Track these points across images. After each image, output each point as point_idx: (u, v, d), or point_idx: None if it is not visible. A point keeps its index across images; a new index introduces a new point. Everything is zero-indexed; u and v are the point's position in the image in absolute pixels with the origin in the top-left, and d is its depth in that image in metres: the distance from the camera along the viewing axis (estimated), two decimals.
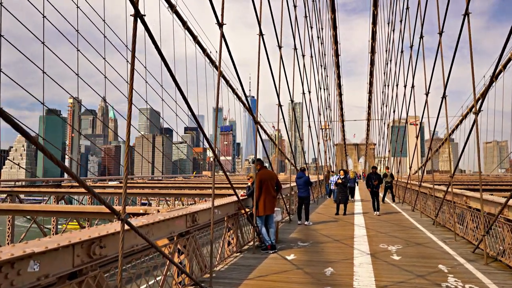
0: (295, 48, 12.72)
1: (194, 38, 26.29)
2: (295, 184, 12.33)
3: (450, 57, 10.16)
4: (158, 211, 5.49)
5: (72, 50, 17.24)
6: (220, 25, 5.68)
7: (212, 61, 28.34)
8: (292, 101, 12.17)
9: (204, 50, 27.04)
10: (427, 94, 11.14)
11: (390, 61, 22.13)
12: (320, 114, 22.83)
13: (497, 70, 31.49)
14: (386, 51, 24.45)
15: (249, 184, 8.18)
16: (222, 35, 5.71)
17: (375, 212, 13.81)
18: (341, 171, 14.88)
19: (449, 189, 9.29)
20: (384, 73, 26.97)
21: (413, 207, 15.26)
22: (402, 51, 16.09)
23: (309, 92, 17.50)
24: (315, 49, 27.54)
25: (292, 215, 12.71)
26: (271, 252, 7.44)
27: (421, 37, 11.60)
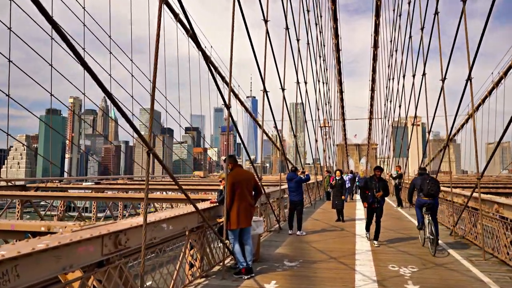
0: (287, 28, 10.86)
1: (187, 32, 24.86)
2: (286, 186, 10.51)
3: (453, 59, 8.98)
4: (65, 228, 3.69)
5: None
6: None
7: (214, 67, 26.89)
8: (283, 89, 10.39)
9: (200, 48, 25.68)
10: (443, 80, 9.32)
11: (396, 51, 20.34)
12: (318, 109, 21.04)
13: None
14: (391, 41, 22.60)
15: (221, 187, 6.38)
16: None
17: (367, 234, 8.89)
18: (337, 172, 13.00)
19: (475, 194, 7.47)
20: (389, 66, 25.11)
21: None
22: (410, 37, 14.27)
23: (305, 83, 15.68)
24: (312, 35, 25.72)
25: (282, 223, 10.91)
26: (245, 277, 5.64)
27: (436, 13, 9.78)
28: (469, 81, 7.13)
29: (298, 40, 13.54)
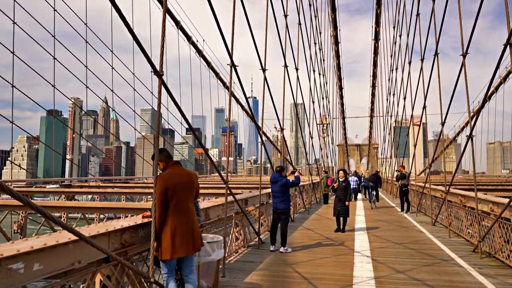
0: None
1: (189, 38, 23.33)
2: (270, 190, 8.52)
3: (453, 59, 8.06)
4: None
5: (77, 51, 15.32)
6: None
7: (207, 62, 25.31)
8: (264, 70, 8.43)
9: (199, 51, 24.15)
10: (464, 56, 7.35)
11: (400, 36, 18.35)
12: (313, 102, 18.98)
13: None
14: (394, 27, 20.59)
15: None
16: None
17: None
18: (341, 172, 10.89)
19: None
20: (391, 56, 23.10)
21: (435, 220, 11.44)
22: (418, 14, 12.28)
23: (297, 69, 13.67)
24: (305, 15, 23.75)
25: (265, 235, 8.95)
26: None
27: None
28: (508, 46, 5.16)
29: (286, 16, 11.51)
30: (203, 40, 28.27)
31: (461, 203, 9.21)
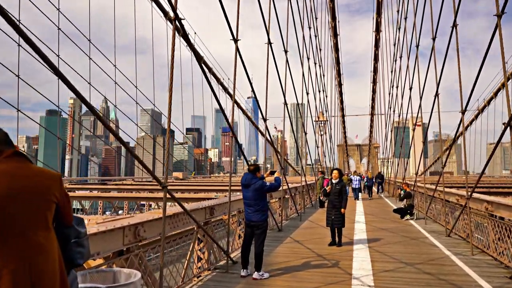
0: None
1: (179, 31, 21.78)
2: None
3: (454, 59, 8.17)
4: None
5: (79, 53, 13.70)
6: None
7: (200, 58, 23.69)
8: (235, 40, 6.60)
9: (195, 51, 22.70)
10: (499, 16, 5.49)
11: (405, 18, 16.41)
12: (308, 93, 17.04)
13: None
14: (398, 11, 18.70)
15: None
16: None
17: None
18: (334, 172, 8.97)
19: None
20: (394, 45, 21.19)
21: (450, 231, 9.55)
22: None
23: (286, 51, 11.68)
24: None
25: (235, 254, 7.08)
26: None
27: None
28: None
29: None
30: (195, 33, 26.52)
31: (487, 211, 7.35)
